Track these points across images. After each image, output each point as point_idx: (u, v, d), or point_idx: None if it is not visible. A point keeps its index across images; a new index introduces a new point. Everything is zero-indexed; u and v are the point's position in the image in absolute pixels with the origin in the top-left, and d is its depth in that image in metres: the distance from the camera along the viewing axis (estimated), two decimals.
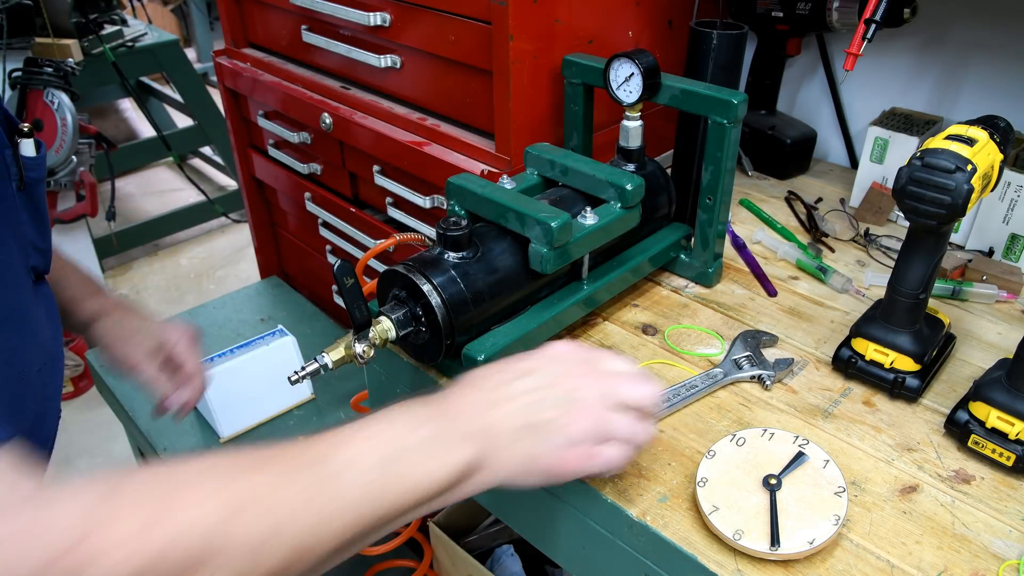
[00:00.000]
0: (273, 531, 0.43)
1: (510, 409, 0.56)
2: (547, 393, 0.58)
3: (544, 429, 0.57)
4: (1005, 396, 0.72)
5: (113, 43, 2.47)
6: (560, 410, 0.58)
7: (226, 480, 0.44)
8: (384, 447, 0.51)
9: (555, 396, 0.58)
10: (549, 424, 0.57)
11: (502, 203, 0.82)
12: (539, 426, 0.57)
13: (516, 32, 0.96)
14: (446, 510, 1.20)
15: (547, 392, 0.58)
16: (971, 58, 1.17)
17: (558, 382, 0.58)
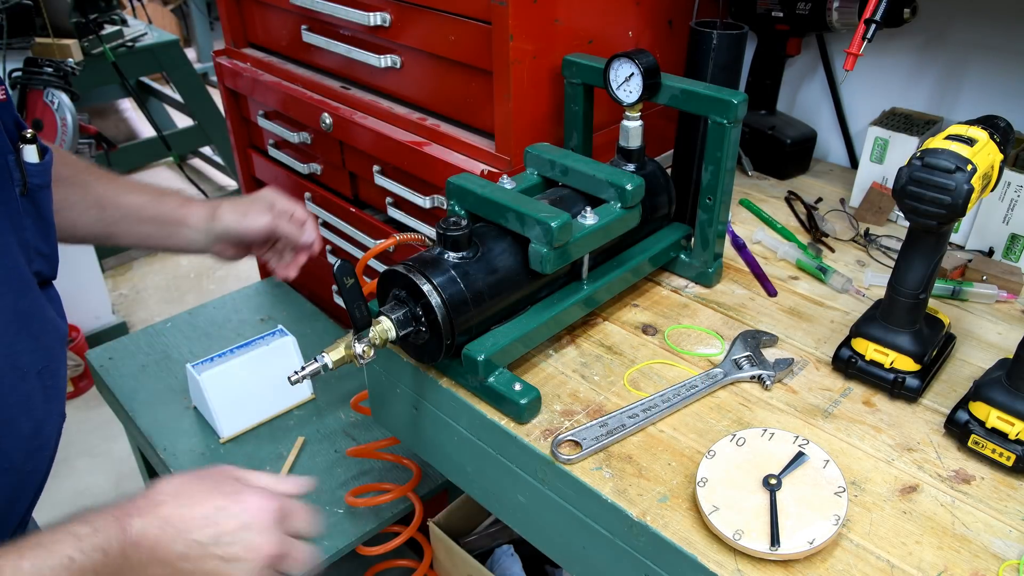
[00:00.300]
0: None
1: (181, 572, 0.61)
2: (224, 564, 0.62)
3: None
4: (1005, 396, 0.72)
5: (113, 43, 2.47)
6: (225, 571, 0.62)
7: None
8: None
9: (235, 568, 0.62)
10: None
11: (502, 203, 0.82)
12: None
13: (516, 32, 0.96)
14: (446, 510, 1.20)
15: (224, 563, 0.62)
16: (971, 58, 1.17)
17: (233, 550, 0.62)
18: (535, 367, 0.88)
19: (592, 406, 0.82)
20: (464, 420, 0.85)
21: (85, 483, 2.32)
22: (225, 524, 0.61)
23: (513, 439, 0.79)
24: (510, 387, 0.79)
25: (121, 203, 0.93)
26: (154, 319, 2.81)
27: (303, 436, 1.34)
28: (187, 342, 1.57)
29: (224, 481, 0.65)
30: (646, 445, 0.77)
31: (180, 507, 0.61)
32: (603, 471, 0.74)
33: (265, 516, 0.63)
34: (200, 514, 0.61)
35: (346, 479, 1.27)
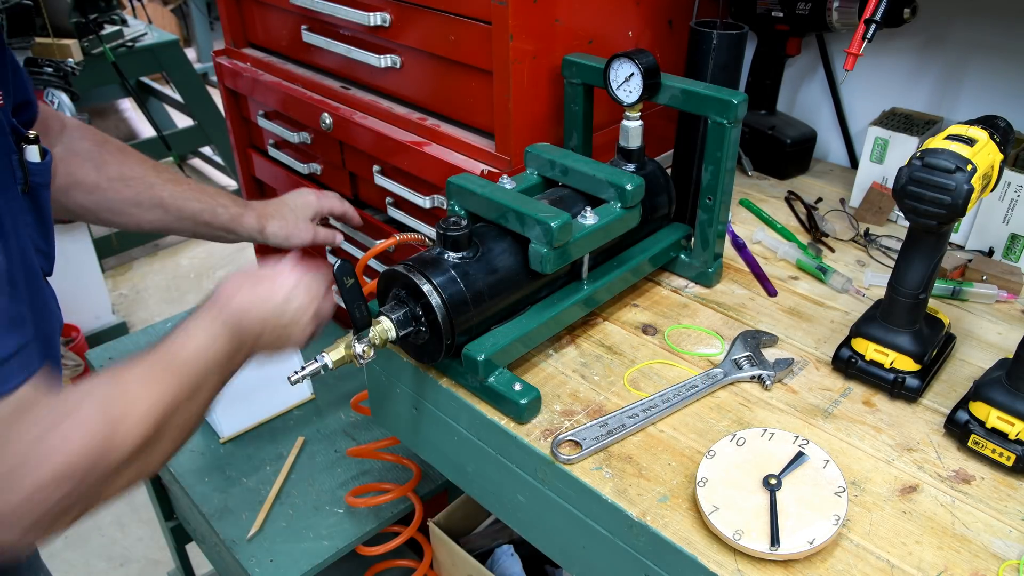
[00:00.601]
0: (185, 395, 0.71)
1: (276, 326, 0.83)
2: (291, 319, 0.84)
3: (284, 336, 0.84)
4: (1005, 396, 0.72)
5: (113, 43, 2.48)
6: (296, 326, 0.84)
7: (155, 386, 0.69)
8: (206, 345, 0.75)
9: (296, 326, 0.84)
10: (286, 334, 0.84)
11: (502, 203, 0.82)
12: (282, 335, 0.84)
13: (516, 32, 0.96)
14: (446, 510, 1.20)
15: (292, 319, 0.84)
16: (971, 58, 1.17)
17: (296, 316, 0.84)
18: (535, 367, 0.88)
19: (592, 406, 0.82)
20: (464, 420, 0.85)
21: None
22: (281, 291, 0.83)
23: (513, 439, 0.79)
24: (510, 387, 0.79)
25: (182, 208, 1.03)
26: (154, 319, 2.81)
27: (303, 436, 1.34)
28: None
29: (263, 271, 0.85)
30: (646, 445, 0.77)
31: (250, 292, 0.81)
32: (603, 471, 0.74)
33: (299, 281, 0.84)
34: (266, 290, 0.82)
35: (346, 479, 1.27)
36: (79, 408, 0.63)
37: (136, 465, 0.66)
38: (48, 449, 0.59)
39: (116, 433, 0.63)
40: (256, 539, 1.16)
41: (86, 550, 2.08)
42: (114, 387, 0.68)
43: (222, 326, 0.77)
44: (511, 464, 0.81)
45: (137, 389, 0.68)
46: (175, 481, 1.27)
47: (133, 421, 0.65)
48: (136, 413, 0.66)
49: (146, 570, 2.02)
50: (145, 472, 0.69)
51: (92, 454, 0.61)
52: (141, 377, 0.70)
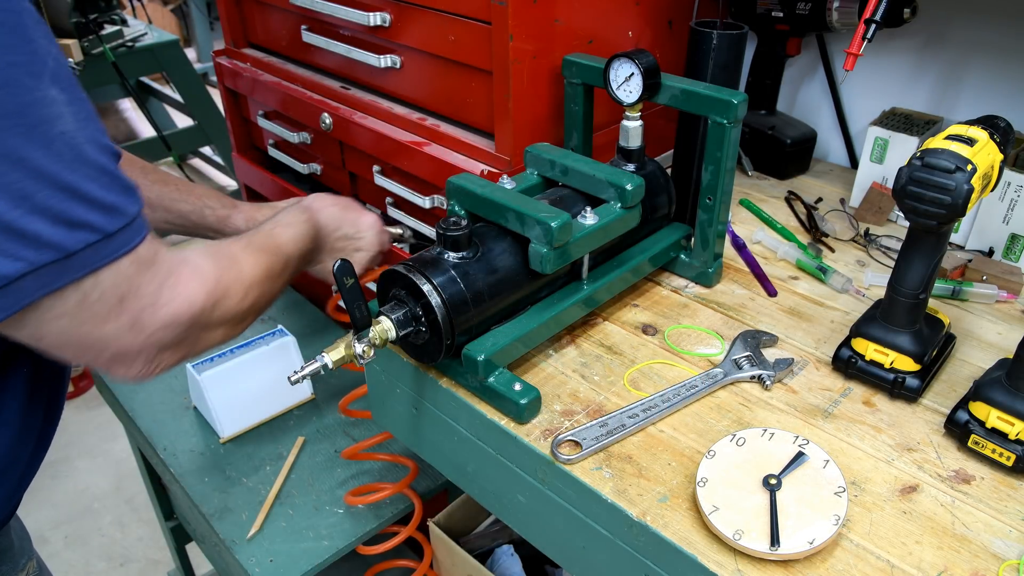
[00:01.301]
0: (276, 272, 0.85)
1: (341, 240, 1.05)
2: (360, 246, 1.06)
3: (344, 249, 1.05)
4: (1005, 396, 0.72)
5: (113, 43, 2.48)
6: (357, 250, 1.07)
7: (259, 257, 0.81)
8: (297, 236, 0.93)
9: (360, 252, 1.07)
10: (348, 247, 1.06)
11: (502, 203, 0.82)
12: (342, 248, 1.05)
13: (516, 32, 0.96)
14: (446, 510, 1.20)
15: (361, 246, 1.06)
16: (971, 58, 1.17)
17: (360, 237, 1.06)
18: (535, 367, 0.88)
19: (592, 406, 0.82)
20: (464, 420, 0.85)
21: (85, 483, 2.33)
22: (358, 223, 1.05)
23: (513, 439, 0.79)
24: (510, 387, 0.79)
25: (169, 208, 1.06)
26: None
27: (303, 436, 1.34)
28: None
29: (356, 206, 1.07)
30: (646, 445, 0.77)
31: (339, 211, 1.03)
32: (603, 471, 0.74)
33: (375, 229, 1.06)
34: (350, 220, 1.04)
35: (346, 478, 1.26)
36: (195, 261, 0.71)
37: (231, 322, 0.75)
38: (170, 295, 0.67)
39: (226, 288, 0.73)
40: (256, 539, 1.16)
41: (86, 550, 2.08)
42: (224, 250, 0.78)
43: (312, 227, 0.94)
44: (511, 464, 0.81)
45: (244, 257, 0.79)
46: (175, 481, 1.27)
47: (239, 282, 0.75)
48: (242, 276, 0.76)
49: (146, 570, 2.02)
50: (235, 331, 0.77)
51: (205, 302, 0.70)
52: (246, 249, 0.81)
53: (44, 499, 2.27)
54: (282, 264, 0.85)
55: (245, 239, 0.83)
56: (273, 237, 0.87)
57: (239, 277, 0.75)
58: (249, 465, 1.28)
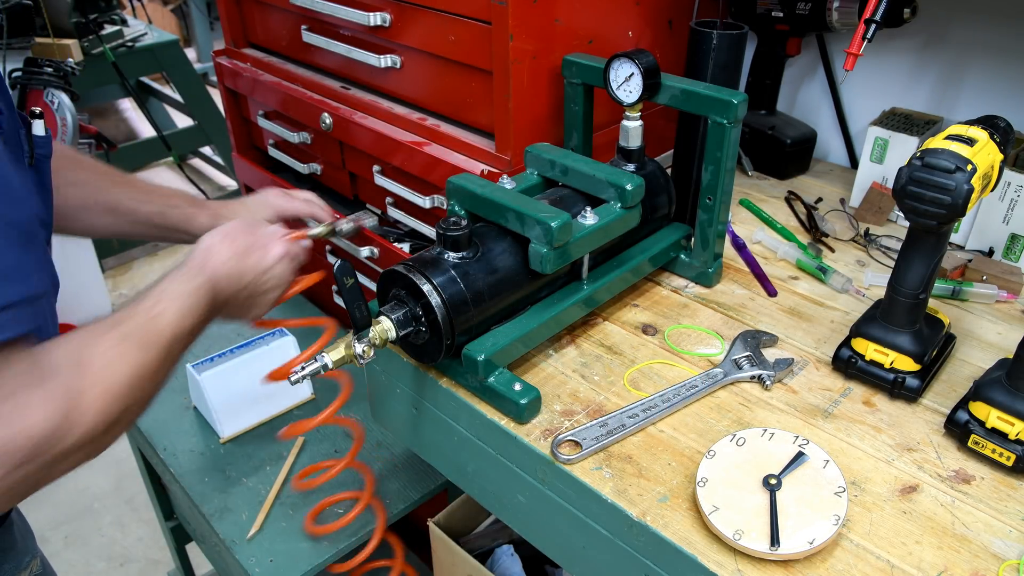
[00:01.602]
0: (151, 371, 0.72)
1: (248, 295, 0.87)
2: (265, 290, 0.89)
3: (250, 305, 0.89)
4: (1005, 396, 0.72)
5: (113, 43, 2.47)
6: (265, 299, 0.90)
7: (128, 353, 0.69)
8: (185, 311, 0.77)
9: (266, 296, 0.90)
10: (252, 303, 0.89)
11: (502, 203, 0.82)
12: (248, 304, 0.88)
13: (516, 32, 0.96)
14: (446, 510, 1.20)
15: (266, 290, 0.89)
16: (971, 58, 1.17)
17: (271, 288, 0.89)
18: (535, 367, 0.88)
19: (592, 406, 0.82)
20: (464, 420, 0.85)
21: (85, 483, 2.33)
22: (261, 266, 0.86)
23: (513, 439, 0.79)
24: (510, 387, 0.79)
25: (134, 211, 1.01)
26: None
27: (303, 436, 1.33)
28: None
29: (259, 239, 0.87)
30: (646, 445, 0.77)
31: (237, 266, 0.84)
32: (603, 471, 0.74)
33: (284, 260, 0.88)
34: (250, 266, 0.85)
35: (346, 479, 1.26)
36: (46, 382, 0.62)
37: (89, 446, 0.65)
38: (8, 419, 0.59)
39: (81, 411, 0.63)
40: (256, 539, 1.16)
41: (86, 550, 2.08)
42: (87, 353, 0.67)
43: (204, 295, 0.78)
44: (511, 464, 0.81)
45: (112, 358, 0.67)
46: (175, 481, 1.27)
47: (100, 397, 0.65)
48: (105, 388, 0.65)
49: (146, 570, 2.02)
50: (98, 450, 0.68)
51: (52, 433, 0.61)
52: (118, 345, 0.69)
53: (44, 499, 2.27)
54: (161, 358, 0.72)
55: (118, 330, 0.70)
56: (154, 321, 0.72)
57: (101, 392, 0.65)
58: (249, 465, 1.28)
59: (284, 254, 0.88)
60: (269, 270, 0.87)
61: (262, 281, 0.86)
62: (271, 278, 0.88)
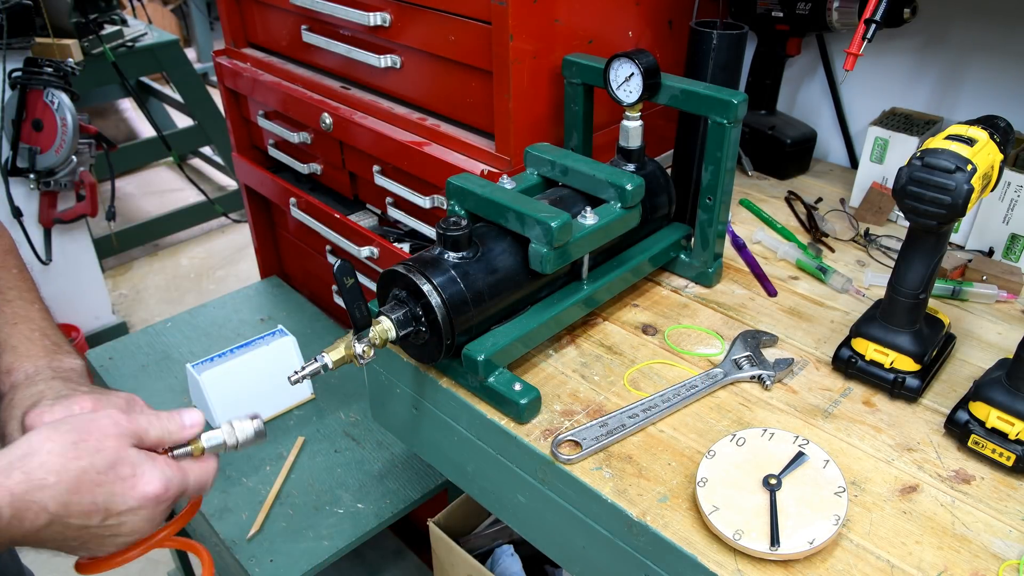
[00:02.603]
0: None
1: (62, 543, 0.60)
2: (101, 537, 0.61)
3: (75, 549, 0.61)
4: (1005, 396, 0.72)
5: (113, 43, 2.47)
6: (102, 546, 0.62)
7: None
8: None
9: (113, 541, 0.61)
10: (80, 547, 0.61)
11: (502, 203, 0.82)
12: (73, 547, 0.61)
13: (516, 32, 0.96)
14: (446, 510, 1.20)
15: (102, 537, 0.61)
16: (971, 58, 1.17)
17: (119, 529, 0.61)
18: (535, 367, 0.88)
19: (592, 406, 0.82)
20: (464, 420, 0.85)
21: None
22: (115, 509, 0.59)
23: (513, 439, 0.79)
24: (510, 387, 0.79)
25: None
26: (154, 319, 2.81)
27: (303, 436, 1.34)
28: (187, 342, 1.57)
29: (122, 460, 0.60)
30: (646, 445, 0.77)
31: (66, 492, 0.57)
32: (603, 471, 0.74)
33: (160, 506, 0.63)
34: (89, 500, 0.58)
35: (346, 479, 1.26)
36: None
37: None
38: None
39: None
40: (256, 539, 1.16)
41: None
42: None
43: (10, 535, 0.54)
44: (511, 464, 0.81)
45: None
46: None
47: None
48: None
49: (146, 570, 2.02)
50: None
51: None
52: None
53: None
54: None
55: None
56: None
57: None
58: (249, 465, 1.28)
59: (159, 493, 0.61)
60: (130, 511, 0.60)
61: (112, 524, 0.59)
62: (128, 524, 0.60)
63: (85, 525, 0.58)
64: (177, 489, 0.63)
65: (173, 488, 0.62)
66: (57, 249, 2.29)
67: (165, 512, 0.63)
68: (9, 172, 2.09)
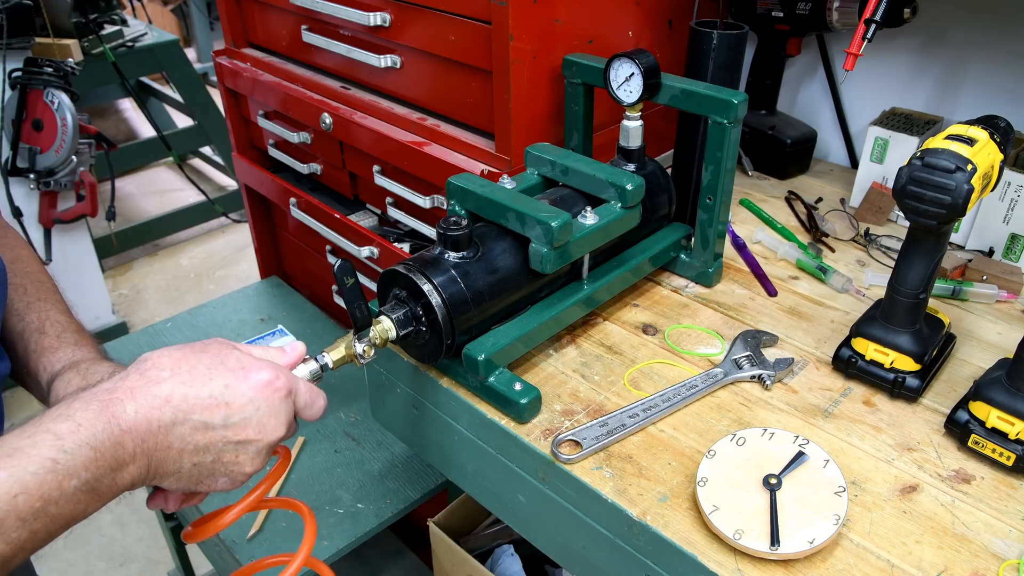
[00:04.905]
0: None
1: (192, 456, 0.58)
2: (233, 447, 0.60)
3: (214, 469, 0.60)
4: (1005, 396, 0.72)
5: (113, 43, 2.47)
6: (234, 455, 0.60)
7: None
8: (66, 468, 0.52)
9: (237, 448, 0.60)
10: (218, 468, 0.60)
11: (502, 203, 0.82)
12: (211, 467, 0.60)
13: (516, 32, 0.96)
14: (446, 510, 1.20)
15: (235, 446, 0.60)
16: (971, 58, 1.17)
17: (245, 432, 0.59)
18: (535, 367, 0.88)
19: (592, 406, 0.82)
20: (464, 420, 0.85)
21: None
22: (235, 403, 0.58)
23: (513, 439, 0.79)
24: (510, 387, 0.79)
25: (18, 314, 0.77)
26: (154, 319, 2.81)
27: (303, 436, 1.34)
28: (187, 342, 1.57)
29: (228, 355, 0.60)
30: (646, 445, 0.77)
31: (182, 385, 0.56)
32: (603, 471, 0.74)
33: (275, 394, 0.60)
34: (207, 393, 0.57)
35: (346, 479, 1.27)
36: None
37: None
38: None
39: None
40: (256, 539, 1.16)
41: (86, 550, 2.08)
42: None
43: (110, 438, 0.52)
44: (511, 464, 0.81)
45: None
46: None
47: None
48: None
49: (146, 570, 2.02)
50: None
51: None
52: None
53: None
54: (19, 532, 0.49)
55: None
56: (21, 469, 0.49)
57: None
58: None
59: (271, 378, 0.59)
60: (248, 406, 0.58)
61: (235, 424, 0.58)
62: (249, 420, 0.58)
63: (211, 424, 0.57)
64: (286, 383, 0.61)
65: (283, 379, 0.61)
66: (57, 249, 2.29)
67: (288, 410, 0.61)
68: (9, 172, 2.09)
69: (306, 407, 0.65)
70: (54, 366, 0.71)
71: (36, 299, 0.76)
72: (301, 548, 0.67)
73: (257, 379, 0.60)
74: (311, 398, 0.66)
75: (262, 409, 0.59)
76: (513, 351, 0.83)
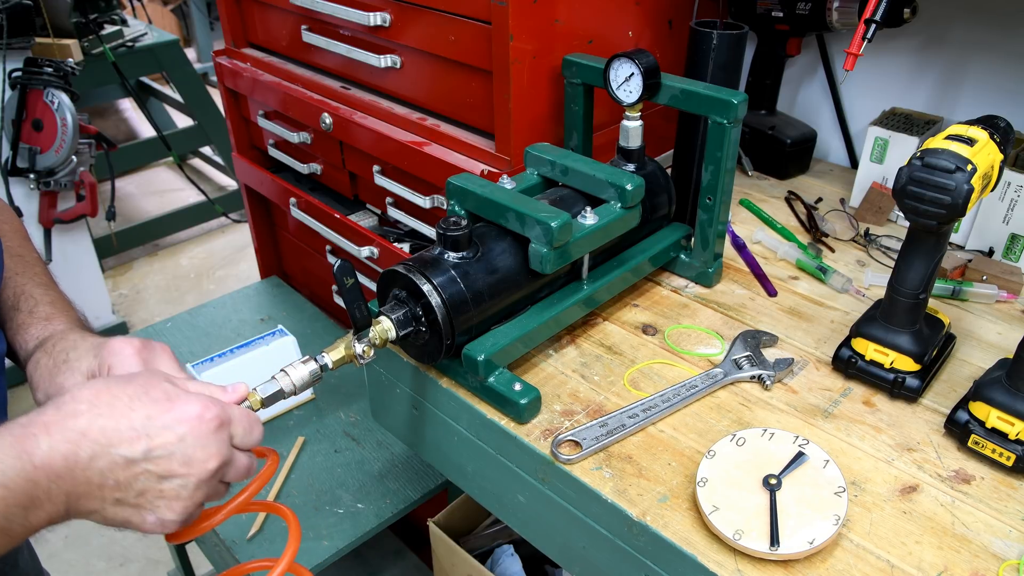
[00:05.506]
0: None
1: (113, 491, 0.55)
2: (157, 481, 0.56)
3: (140, 504, 0.56)
4: (1005, 396, 0.72)
5: (113, 43, 2.47)
6: (162, 497, 0.57)
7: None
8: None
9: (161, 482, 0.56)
10: (144, 503, 0.56)
11: (502, 203, 0.82)
12: (135, 504, 0.56)
13: (516, 32, 0.96)
14: (446, 510, 1.20)
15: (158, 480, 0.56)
16: (971, 58, 1.17)
17: (169, 466, 0.56)
18: (535, 367, 0.88)
19: (592, 406, 0.82)
20: (464, 420, 0.85)
21: None
22: (157, 436, 0.54)
23: (513, 439, 0.79)
24: (510, 387, 0.79)
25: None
26: (154, 319, 2.81)
27: (303, 436, 1.34)
28: (187, 342, 1.57)
29: (155, 386, 0.57)
30: (646, 445, 0.77)
31: (100, 417, 0.53)
32: (603, 471, 0.74)
33: (204, 426, 0.57)
34: (127, 425, 0.54)
35: (346, 479, 1.27)
36: None
37: None
38: None
39: None
40: (256, 539, 1.16)
41: (86, 550, 2.08)
42: None
43: (19, 474, 0.49)
44: (511, 464, 0.81)
45: None
46: None
47: None
48: None
49: (146, 570, 2.02)
50: None
51: None
52: None
53: None
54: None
55: None
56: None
57: None
58: None
59: (199, 411, 0.56)
60: (173, 442, 0.55)
61: (159, 457, 0.54)
62: (175, 454, 0.55)
63: (132, 459, 0.53)
64: (217, 414, 0.57)
65: (213, 411, 0.57)
66: (57, 249, 2.29)
67: (220, 443, 0.58)
68: (9, 172, 2.09)
69: (245, 435, 0.62)
70: (28, 344, 0.69)
71: (14, 274, 0.73)
72: (285, 553, 0.64)
73: (184, 411, 0.56)
74: (248, 427, 0.62)
75: (187, 441, 0.56)
76: (513, 351, 0.83)
